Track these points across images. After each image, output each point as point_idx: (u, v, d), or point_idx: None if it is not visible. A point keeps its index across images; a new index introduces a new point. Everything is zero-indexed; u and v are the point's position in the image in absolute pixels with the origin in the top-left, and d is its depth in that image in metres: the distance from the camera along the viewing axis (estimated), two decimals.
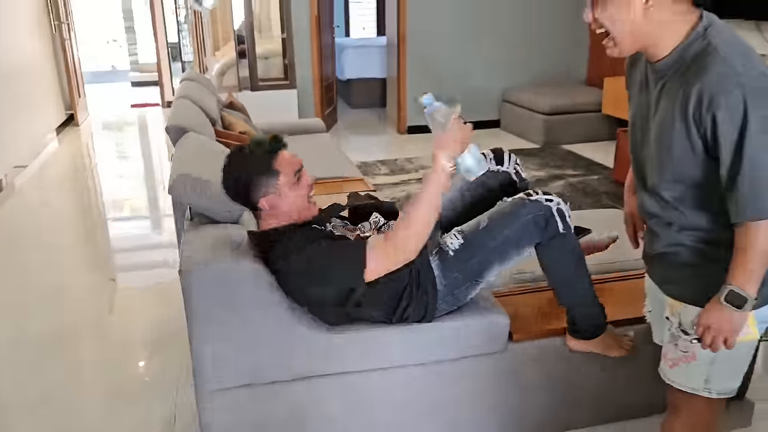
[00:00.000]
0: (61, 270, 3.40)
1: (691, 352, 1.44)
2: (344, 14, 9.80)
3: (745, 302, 1.32)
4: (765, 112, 1.20)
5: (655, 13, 1.26)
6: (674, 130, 1.30)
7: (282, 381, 1.77)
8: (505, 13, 6.21)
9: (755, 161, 1.23)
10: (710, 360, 1.41)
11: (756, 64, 1.23)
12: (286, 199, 1.70)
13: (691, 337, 1.42)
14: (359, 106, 7.69)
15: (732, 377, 1.45)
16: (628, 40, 1.31)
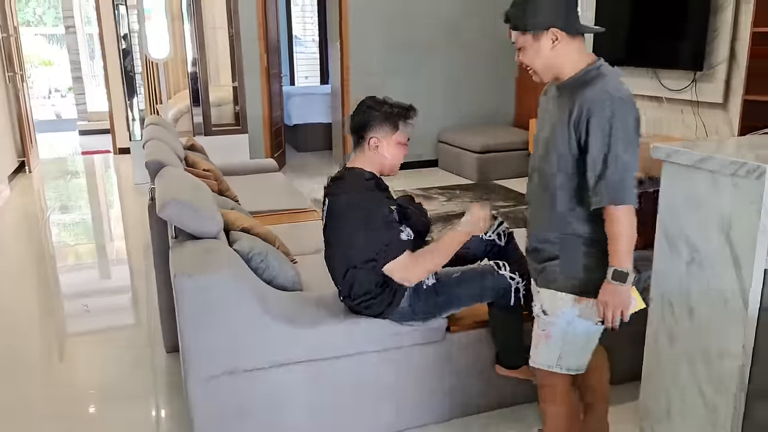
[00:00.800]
0: (12, 318, 3.50)
1: (548, 331, 1.84)
2: (289, 65, 10.28)
3: (625, 277, 1.71)
4: (625, 123, 1.64)
5: (559, 51, 1.71)
6: (558, 130, 1.72)
7: (260, 368, 2.11)
8: (439, 61, 6.80)
9: (618, 158, 1.64)
10: (563, 339, 1.82)
11: (623, 90, 1.68)
12: (387, 149, 2.09)
13: (549, 318, 1.83)
14: (306, 150, 8.11)
15: (579, 356, 1.87)
16: (543, 70, 1.76)
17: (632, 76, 4.90)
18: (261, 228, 2.71)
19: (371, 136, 2.10)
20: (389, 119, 2.10)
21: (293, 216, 3.75)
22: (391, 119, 2.10)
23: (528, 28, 1.71)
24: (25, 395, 2.76)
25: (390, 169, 2.17)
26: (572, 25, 1.71)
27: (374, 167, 2.14)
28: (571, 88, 1.72)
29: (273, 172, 4.79)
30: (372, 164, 2.14)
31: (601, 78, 1.69)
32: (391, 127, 2.10)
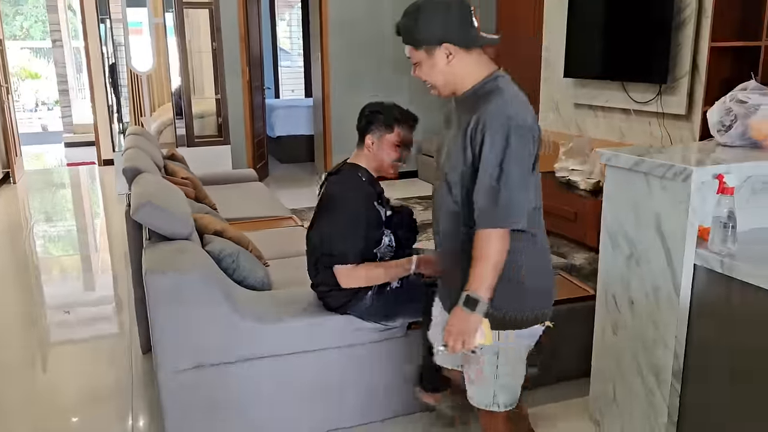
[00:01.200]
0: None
1: (479, 368, 1.71)
2: (274, 78, 10.43)
3: (476, 304, 1.56)
4: (519, 151, 1.54)
5: (455, 65, 1.63)
6: (457, 143, 1.63)
7: (227, 363, 2.21)
8: None
9: (508, 178, 1.52)
10: (494, 376, 1.70)
11: (525, 113, 1.58)
12: (381, 149, 2.21)
13: (476, 354, 1.69)
14: (289, 161, 8.23)
15: (512, 392, 1.76)
16: (441, 86, 1.69)
17: (603, 88, 5.07)
18: (233, 231, 2.82)
19: (368, 135, 2.23)
20: (386, 121, 2.22)
21: (270, 223, 3.86)
22: (387, 121, 2.22)
23: (421, 44, 1.63)
24: (4, 402, 2.85)
25: (385, 170, 2.28)
26: (467, 38, 1.62)
27: (369, 166, 2.27)
28: (471, 101, 1.63)
29: (252, 182, 4.91)
30: (368, 163, 2.27)
31: (499, 93, 1.59)
32: (386, 128, 2.21)
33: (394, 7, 6.74)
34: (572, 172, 4.75)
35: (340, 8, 6.60)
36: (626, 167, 2.01)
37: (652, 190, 1.93)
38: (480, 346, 1.65)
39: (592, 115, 5.30)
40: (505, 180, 1.53)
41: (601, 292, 2.20)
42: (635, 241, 2.02)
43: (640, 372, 2.06)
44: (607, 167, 2.11)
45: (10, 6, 13.96)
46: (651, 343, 1.99)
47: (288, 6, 11.28)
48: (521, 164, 1.55)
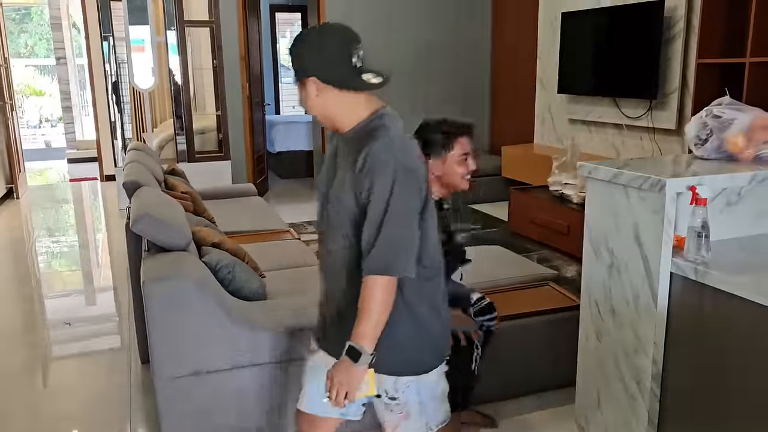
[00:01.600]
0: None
1: (404, 412, 1.66)
2: (274, 95, 10.57)
3: (359, 356, 1.50)
4: (406, 195, 1.50)
5: (327, 102, 1.58)
6: (345, 184, 1.56)
7: (223, 369, 2.28)
8: (416, 91, 7.07)
9: (392, 226, 1.48)
10: (419, 410, 1.66)
11: (409, 154, 1.57)
12: (448, 173, 2.15)
13: (398, 401, 1.64)
14: (289, 176, 8.33)
15: (440, 410, 1.72)
16: (320, 117, 1.64)
17: (595, 104, 5.17)
18: (230, 243, 2.90)
19: (430, 162, 2.14)
20: (443, 142, 2.18)
21: (268, 236, 3.94)
22: (444, 141, 2.17)
23: (295, 73, 1.61)
24: (6, 411, 2.91)
25: (460, 186, 2.19)
26: (337, 77, 1.56)
27: (441, 192, 2.21)
28: (355, 141, 1.57)
29: (252, 196, 4.99)
30: (439, 189, 2.20)
31: (384, 131, 1.54)
32: (444, 149, 2.16)
33: (390, 25, 6.88)
34: (565, 186, 4.83)
35: None
36: (606, 179, 2.09)
37: (631, 201, 2.01)
38: (365, 397, 1.62)
39: (585, 130, 5.40)
40: (392, 222, 1.49)
41: (584, 300, 2.27)
42: (615, 251, 2.09)
43: (622, 378, 2.12)
44: (588, 179, 2.19)
45: (15, 24, 14.17)
46: (632, 349, 2.06)
47: (288, 23, 11.45)
48: (408, 211, 1.53)
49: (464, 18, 7.03)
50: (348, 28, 1.60)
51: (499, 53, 7.02)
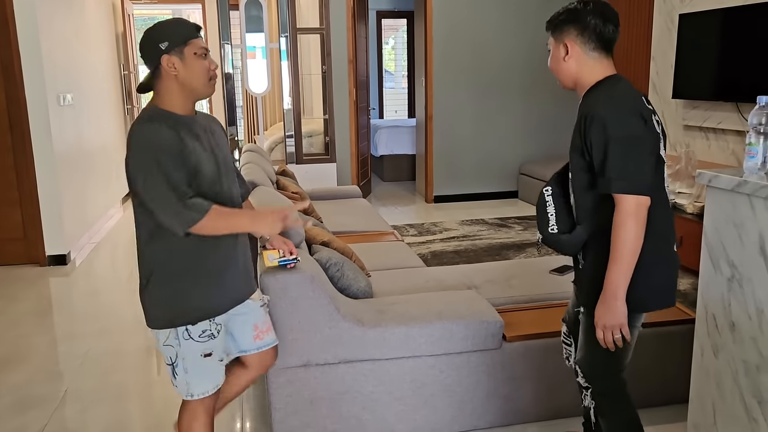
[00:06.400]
0: (119, 323, 3.93)
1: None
2: (378, 99, 10.76)
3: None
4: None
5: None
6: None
7: (330, 363, 2.37)
8: (517, 95, 7.00)
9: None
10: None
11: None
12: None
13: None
14: (390, 180, 8.46)
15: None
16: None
17: (715, 110, 4.91)
18: (339, 243, 3.00)
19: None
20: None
21: (373, 237, 4.03)
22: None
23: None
24: (125, 388, 3.15)
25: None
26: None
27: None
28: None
29: (357, 198, 5.12)
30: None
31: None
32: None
33: (496, 35, 6.84)
34: (678, 195, 4.62)
35: (445, 33, 6.77)
36: (728, 188, 2.00)
37: (756, 211, 1.91)
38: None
39: (702, 137, 5.14)
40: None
41: (700, 314, 2.18)
42: (737, 263, 2.00)
43: (741, 397, 2.02)
44: (708, 188, 2.10)
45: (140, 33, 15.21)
46: (753, 367, 1.96)
47: (393, 29, 11.62)
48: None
49: None
50: None
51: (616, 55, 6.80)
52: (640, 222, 1.73)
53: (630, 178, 1.72)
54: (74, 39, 5.75)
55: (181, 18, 1.90)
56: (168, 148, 1.74)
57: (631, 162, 1.73)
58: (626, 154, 1.73)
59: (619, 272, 1.74)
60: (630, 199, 1.72)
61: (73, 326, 3.97)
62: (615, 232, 1.74)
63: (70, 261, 5.11)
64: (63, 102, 5.21)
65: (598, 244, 1.84)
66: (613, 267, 1.75)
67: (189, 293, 1.87)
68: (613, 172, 1.73)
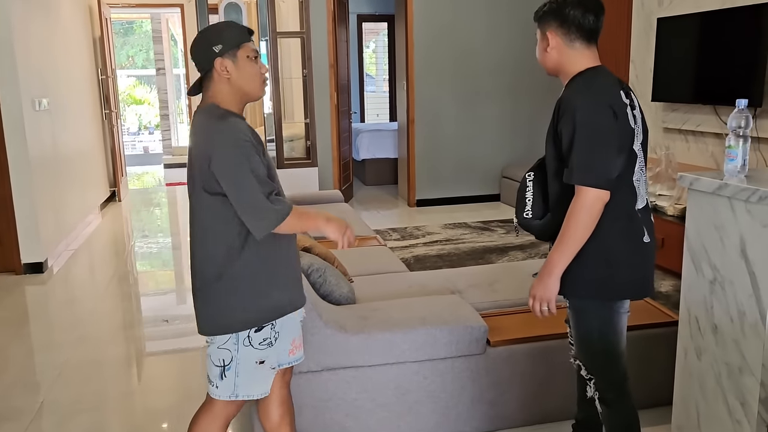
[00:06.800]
0: (97, 330, 3.88)
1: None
2: (360, 103, 10.74)
3: None
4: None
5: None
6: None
7: (314, 371, 2.34)
8: (499, 98, 7.02)
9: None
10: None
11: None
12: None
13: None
14: (372, 184, 8.44)
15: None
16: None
17: (694, 112, 4.96)
18: (321, 248, 2.97)
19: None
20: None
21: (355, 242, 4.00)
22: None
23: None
24: (104, 398, 3.09)
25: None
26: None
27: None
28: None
29: (339, 202, 5.09)
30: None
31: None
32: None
33: (478, 38, 6.85)
34: (659, 197, 4.66)
35: (426, 37, 6.77)
36: (709, 191, 2.01)
37: (737, 214, 1.92)
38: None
39: (681, 139, 5.18)
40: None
41: (683, 316, 2.18)
42: (719, 266, 2.00)
43: (725, 398, 2.02)
44: (689, 191, 2.11)
45: (118, 37, 15.06)
46: (736, 369, 1.96)
47: (374, 33, 11.62)
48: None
49: None
50: None
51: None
52: (593, 215, 1.78)
53: (592, 170, 1.76)
54: (50, 43, 5.66)
55: (232, 21, 1.89)
56: (251, 144, 1.75)
57: (595, 155, 1.76)
58: (591, 147, 1.76)
59: (560, 255, 1.83)
60: (589, 191, 1.76)
61: (50, 336, 3.89)
62: (567, 218, 1.80)
63: (47, 269, 5.02)
64: (39, 107, 5.12)
65: None
66: (557, 249, 1.83)
67: (259, 297, 1.84)
68: (576, 163, 1.77)
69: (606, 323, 1.93)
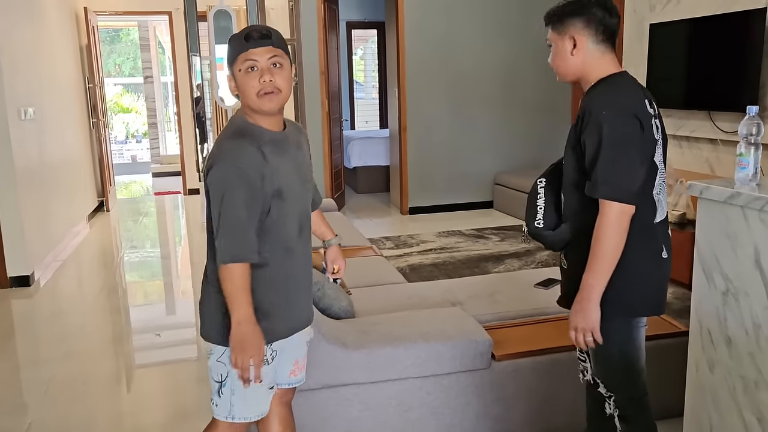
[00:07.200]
0: (85, 344, 3.79)
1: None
2: (350, 110, 10.68)
3: None
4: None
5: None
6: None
7: (313, 389, 2.26)
8: (492, 105, 6.98)
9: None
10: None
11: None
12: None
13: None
14: (364, 191, 8.37)
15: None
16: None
17: (688, 118, 4.94)
18: (317, 260, 2.89)
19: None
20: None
21: (350, 252, 3.92)
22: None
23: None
24: (94, 416, 2.99)
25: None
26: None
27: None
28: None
29: (332, 212, 5.01)
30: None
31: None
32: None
33: (470, 45, 6.82)
34: None
35: (418, 44, 6.73)
36: (720, 200, 1.95)
37: (750, 223, 1.87)
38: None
39: (676, 145, 5.16)
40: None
41: (694, 328, 2.13)
42: (732, 276, 1.95)
43: (740, 414, 1.96)
44: (699, 199, 2.05)
45: (105, 45, 14.92)
46: (752, 384, 1.91)
47: (362, 40, 11.58)
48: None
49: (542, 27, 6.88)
50: None
51: None
52: (622, 230, 1.70)
53: (617, 184, 1.69)
54: (36, 51, 5.56)
55: (249, 26, 1.77)
56: (250, 168, 1.65)
57: (620, 168, 1.69)
58: (617, 160, 1.69)
59: (595, 276, 1.72)
60: (614, 205, 1.69)
61: (37, 351, 3.78)
62: (595, 236, 1.71)
63: (34, 282, 4.90)
64: (24, 116, 5.01)
65: (581, 247, 1.79)
66: (590, 271, 1.73)
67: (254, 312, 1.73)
68: (600, 176, 1.70)
69: (626, 340, 1.86)
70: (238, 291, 1.67)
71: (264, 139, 1.72)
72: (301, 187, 1.81)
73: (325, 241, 2.18)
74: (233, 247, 1.66)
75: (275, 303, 1.79)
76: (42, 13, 5.84)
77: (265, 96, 1.69)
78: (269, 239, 1.74)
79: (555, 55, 1.86)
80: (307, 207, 1.88)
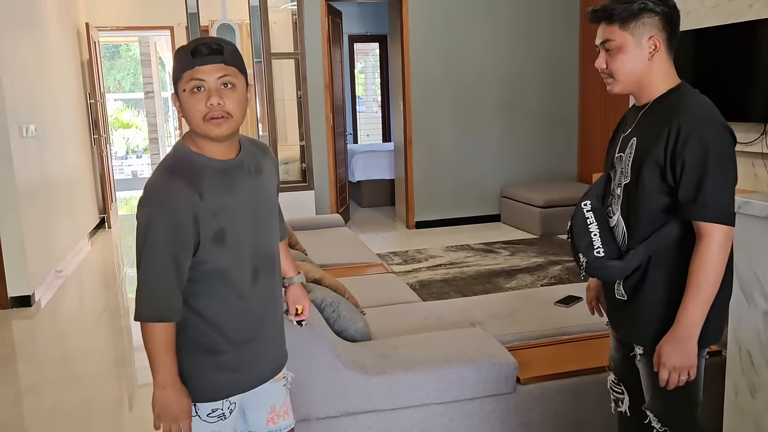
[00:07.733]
0: (87, 366, 3.70)
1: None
2: (353, 124, 10.61)
3: None
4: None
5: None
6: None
7: (331, 417, 2.16)
8: (498, 117, 6.91)
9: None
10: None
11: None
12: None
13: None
14: (369, 205, 8.28)
15: None
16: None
17: None
18: (331, 279, 2.80)
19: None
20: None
21: (361, 269, 3.83)
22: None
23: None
24: None
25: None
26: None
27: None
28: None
29: (339, 227, 4.92)
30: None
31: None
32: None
33: (475, 58, 6.76)
34: None
35: (422, 57, 6.66)
36: (762, 215, 1.86)
37: None
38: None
39: None
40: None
41: (733, 350, 2.03)
42: None
43: None
44: (737, 215, 1.96)
45: (106, 61, 14.89)
46: None
47: (362, 53, 11.53)
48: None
49: (548, 38, 6.84)
50: None
51: (588, 75, 6.79)
52: (726, 255, 1.56)
53: (724, 206, 1.54)
54: (38, 68, 5.48)
55: (197, 38, 1.52)
56: (180, 211, 1.45)
57: (726, 188, 1.55)
58: (724, 180, 1.54)
59: (697, 309, 1.55)
60: (722, 230, 1.53)
61: (39, 375, 3.67)
62: (700, 264, 1.54)
63: (35, 302, 4.79)
64: (26, 133, 4.93)
65: (658, 276, 1.63)
66: (692, 305, 1.55)
67: (202, 369, 1.56)
68: (711, 198, 1.52)
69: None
70: (160, 353, 1.48)
71: (205, 173, 1.50)
72: (253, 226, 1.58)
73: (286, 279, 1.88)
74: (153, 304, 1.46)
75: (229, 355, 1.58)
76: (44, 29, 5.77)
77: (211, 121, 1.46)
78: (213, 288, 1.54)
79: (622, 59, 1.61)
80: (264, 247, 1.62)
